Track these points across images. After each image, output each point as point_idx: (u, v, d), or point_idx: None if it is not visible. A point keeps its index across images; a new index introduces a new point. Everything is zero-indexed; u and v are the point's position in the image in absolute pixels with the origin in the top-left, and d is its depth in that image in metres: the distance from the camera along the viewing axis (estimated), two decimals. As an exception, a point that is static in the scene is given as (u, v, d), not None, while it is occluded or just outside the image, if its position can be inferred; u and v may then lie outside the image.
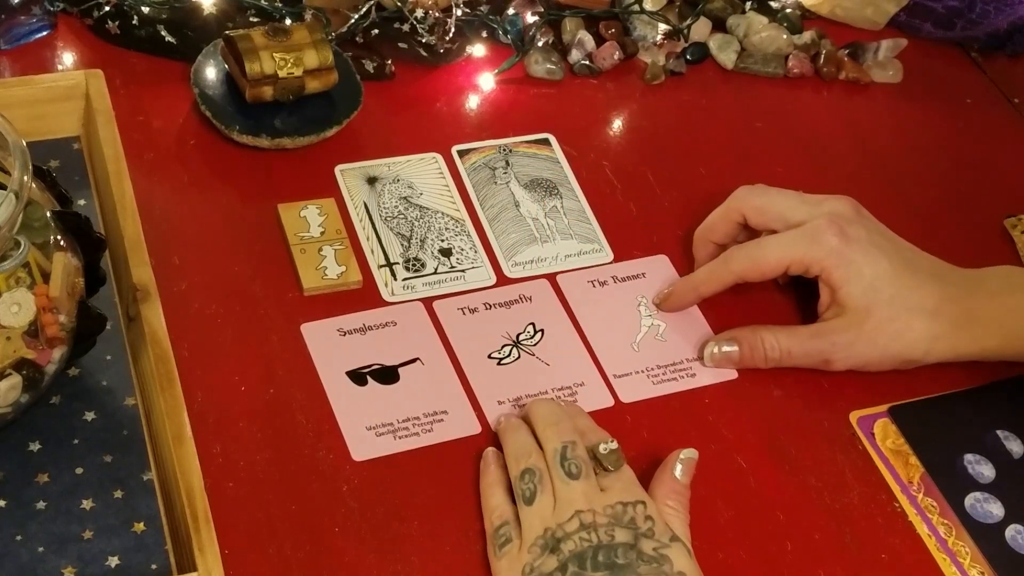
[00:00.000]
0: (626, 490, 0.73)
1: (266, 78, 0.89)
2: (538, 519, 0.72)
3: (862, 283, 0.82)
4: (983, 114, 1.08)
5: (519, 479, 0.74)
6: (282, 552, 0.72)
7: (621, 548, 0.70)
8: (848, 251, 0.82)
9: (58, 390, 0.75)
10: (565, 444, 0.74)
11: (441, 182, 0.93)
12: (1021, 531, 0.80)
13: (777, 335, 0.84)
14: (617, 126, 1.00)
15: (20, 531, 0.70)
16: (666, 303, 0.88)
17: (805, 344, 0.84)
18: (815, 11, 1.11)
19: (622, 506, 0.72)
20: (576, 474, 0.73)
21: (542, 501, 0.72)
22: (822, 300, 0.85)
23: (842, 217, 0.84)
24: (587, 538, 0.70)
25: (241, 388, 0.79)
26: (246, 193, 0.89)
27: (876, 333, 0.82)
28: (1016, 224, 0.98)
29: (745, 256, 0.85)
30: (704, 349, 0.85)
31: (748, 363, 0.85)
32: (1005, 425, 0.85)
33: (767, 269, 0.84)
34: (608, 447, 0.75)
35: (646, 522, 0.72)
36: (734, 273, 0.85)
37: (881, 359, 0.84)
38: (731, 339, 0.85)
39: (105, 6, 0.95)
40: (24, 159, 0.66)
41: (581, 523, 0.71)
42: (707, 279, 0.86)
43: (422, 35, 0.98)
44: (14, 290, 0.67)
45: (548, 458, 0.74)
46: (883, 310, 0.82)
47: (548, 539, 0.71)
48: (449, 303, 0.86)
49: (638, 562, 0.70)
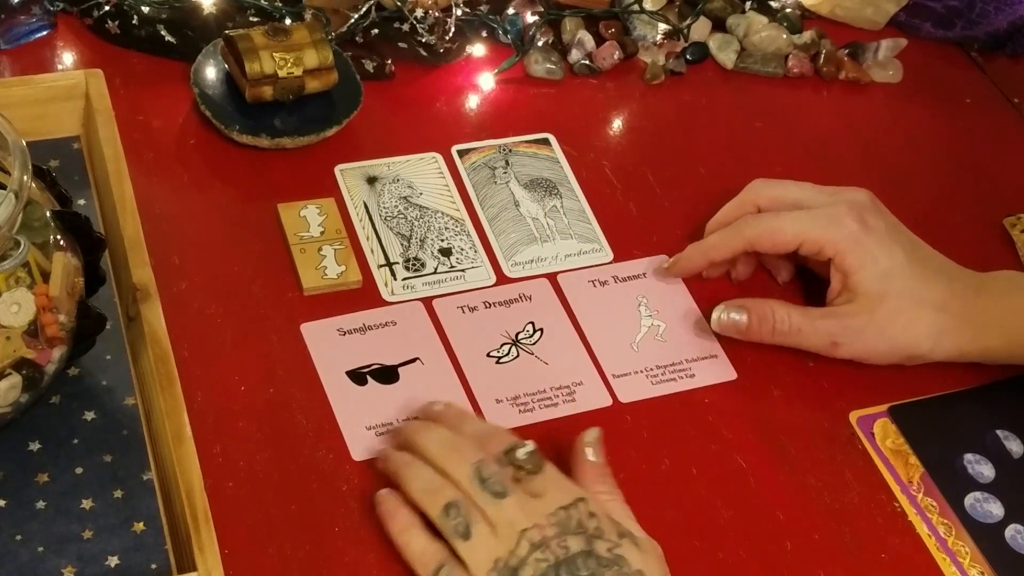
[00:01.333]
0: (560, 490, 0.71)
1: (266, 78, 0.89)
2: (483, 551, 0.68)
3: (877, 270, 0.82)
4: (983, 114, 1.08)
5: (443, 516, 0.69)
6: (282, 552, 0.72)
7: (580, 559, 0.68)
8: (866, 238, 0.82)
9: (58, 390, 0.75)
10: (475, 465, 0.70)
11: (441, 182, 0.93)
12: (1021, 531, 0.80)
13: (789, 310, 0.84)
14: (617, 126, 1.00)
15: (20, 531, 0.70)
16: (675, 267, 0.87)
17: (816, 323, 0.83)
18: (815, 11, 1.11)
19: (564, 511, 0.69)
20: (502, 492, 0.69)
21: (480, 531, 0.68)
22: (832, 287, 0.84)
23: (861, 205, 0.84)
24: (543, 558, 0.67)
25: (241, 388, 0.79)
26: (246, 193, 0.89)
27: (886, 322, 0.82)
28: (1016, 224, 0.98)
29: (760, 224, 0.85)
30: (713, 313, 0.85)
31: (755, 333, 0.84)
32: (1005, 425, 0.85)
33: (779, 241, 0.84)
34: (526, 451, 0.70)
35: (591, 520, 0.69)
36: (746, 239, 0.85)
37: (888, 351, 0.83)
38: (741, 307, 0.84)
39: (105, 6, 0.95)
40: (24, 159, 0.66)
41: (531, 543, 0.68)
42: (718, 243, 0.86)
43: (422, 35, 0.98)
44: (14, 290, 0.67)
45: (464, 486, 0.70)
46: (894, 300, 0.82)
47: (502, 570, 0.67)
48: (448, 301, 0.86)
49: (600, 569, 0.68)
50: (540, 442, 0.79)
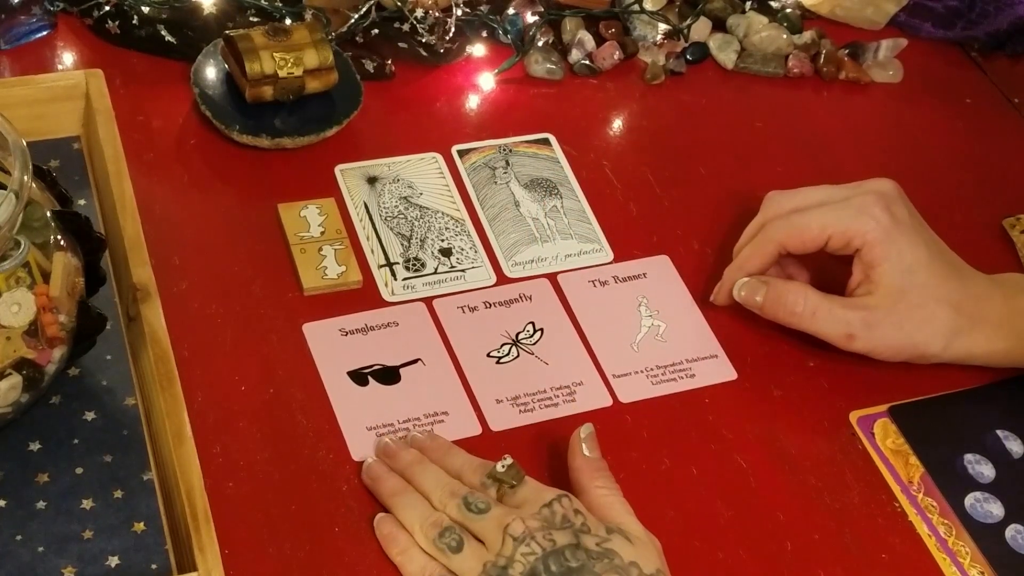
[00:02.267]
0: (541, 491, 0.72)
1: (266, 78, 0.89)
2: (473, 560, 0.69)
3: (902, 264, 0.82)
4: (983, 114, 1.08)
5: (437, 539, 0.70)
6: (282, 552, 0.72)
7: (568, 550, 0.68)
8: (894, 230, 0.82)
9: (58, 390, 0.75)
10: (464, 497, 0.71)
11: (441, 182, 0.93)
12: (1021, 531, 0.80)
13: (808, 292, 0.83)
14: (617, 126, 1.00)
15: (20, 531, 0.70)
16: (720, 294, 0.87)
17: (834, 310, 0.83)
18: (815, 11, 1.11)
19: (547, 507, 0.70)
20: (485, 508, 0.70)
21: (470, 544, 0.70)
22: (853, 278, 0.84)
23: (887, 196, 0.84)
24: (529, 551, 0.68)
25: (241, 388, 0.79)
26: (246, 193, 0.89)
27: (904, 317, 0.82)
28: (1015, 224, 0.98)
29: (787, 224, 0.84)
30: (735, 285, 0.85)
31: (771, 310, 0.84)
32: (1005, 425, 0.85)
33: (808, 238, 0.83)
34: (504, 464, 0.72)
35: (577, 516, 0.70)
36: (775, 241, 0.84)
37: (901, 346, 0.83)
38: (763, 282, 0.84)
39: (105, 6, 0.95)
40: (24, 159, 0.66)
41: (513, 538, 0.68)
42: (750, 254, 0.86)
43: (422, 35, 0.98)
44: (14, 290, 0.67)
45: (454, 516, 0.71)
46: (915, 296, 0.82)
47: (491, 570, 0.68)
48: (448, 301, 0.86)
49: (590, 560, 0.68)
50: (540, 442, 0.79)
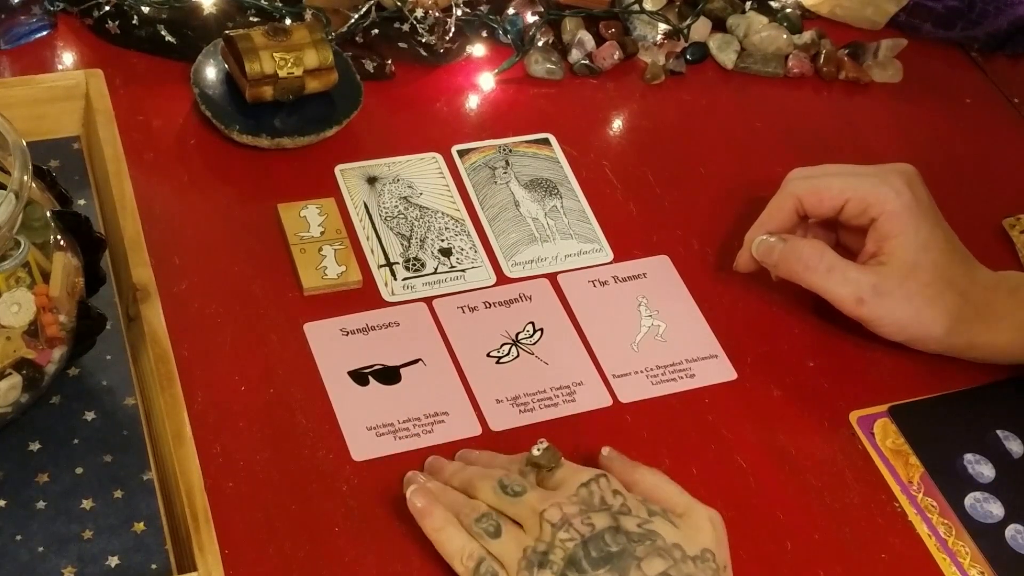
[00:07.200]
0: (578, 472, 0.72)
1: (266, 78, 0.89)
2: (513, 544, 0.69)
3: (918, 240, 0.83)
4: (983, 114, 1.08)
5: (476, 523, 0.70)
6: (282, 552, 0.72)
7: (608, 534, 0.68)
8: (915, 206, 0.83)
9: (58, 390, 0.75)
10: (499, 480, 0.72)
11: (441, 182, 0.93)
12: (1021, 531, 0.80)
13: (825, 249, 0.84)
14: (617, 126, 1.00)
15: (20, 531, 0.70)
16: (741, 259, 0.87)
17: (849, 271, 0.83)
18: (815, 11, 1.11)
19: (584, 487, 0.70)
20: (521, 491, 0.71)
21: (509, 529, 0.70)
22: (866, 249, 0.85)
23: (910, 176, 0.85)
24: (568, 537, 0.68)
25: (241, 388, 0.79)
26: (246, 193, 0.89)
27: (914, 292, 0.82)
28: (1015, 224, 0.98)
29: (808, 181, 0.85)
30: (754, 242, 0.86)
31: (785, 265, 0.84)
32: (1005, 425, 0.85)
33: (826, 196, 0.84)
34: (540, 447, 0.73)
35: (616, 498, 0.70)
36: (794, 196, 0.85)
37: (907, 321, 0.83)
38: (782, 238, 0.85)
39: (105, 6, 0.95)
40: (24, 159, 0.66)
41: (551, 524, 0.69)
42: (769, 212, 0.86)
43: (422, 35, 0.98)
44: (14, 290, 0.67)
45: (491, 501, 0.72)
46: (925, 273, 0.83)
47: (531, 556, 0.68)
48: (448, 301, 0.86)
49: (630, 544, 0.68)
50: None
